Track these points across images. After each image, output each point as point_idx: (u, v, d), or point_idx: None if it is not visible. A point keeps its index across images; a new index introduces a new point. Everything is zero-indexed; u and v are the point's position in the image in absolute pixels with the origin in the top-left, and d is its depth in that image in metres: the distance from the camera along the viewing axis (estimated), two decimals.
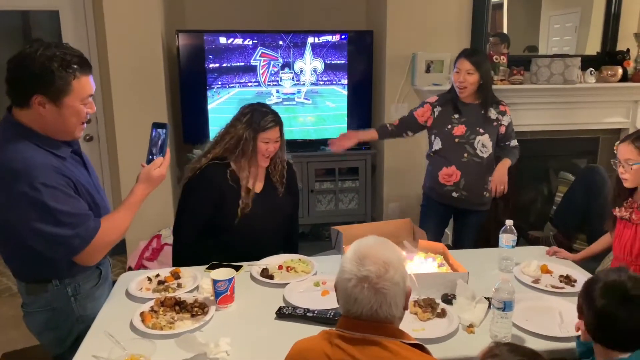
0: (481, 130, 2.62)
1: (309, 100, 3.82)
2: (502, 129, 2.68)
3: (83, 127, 1.58)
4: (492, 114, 2.65)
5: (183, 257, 2.15)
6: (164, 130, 1.69)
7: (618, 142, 1.99)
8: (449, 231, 3.22)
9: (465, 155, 2.62)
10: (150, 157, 1.69)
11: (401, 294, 1.17)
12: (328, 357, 1.14)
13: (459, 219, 2.85)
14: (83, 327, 1.62)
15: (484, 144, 2.63)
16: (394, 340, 1.15)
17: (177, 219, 2.21)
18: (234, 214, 2.11)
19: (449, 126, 2.64)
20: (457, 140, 2.63)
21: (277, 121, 2.13)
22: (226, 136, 2.13)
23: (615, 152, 1.99)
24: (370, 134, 2.84)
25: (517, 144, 2.74)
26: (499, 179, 2.57)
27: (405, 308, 1.20)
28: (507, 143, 2.71)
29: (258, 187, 2.20)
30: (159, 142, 1.68)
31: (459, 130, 2.62)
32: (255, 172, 2.17)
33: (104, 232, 1.54)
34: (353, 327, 1.16)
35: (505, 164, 2.61)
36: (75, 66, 1.47)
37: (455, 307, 1.70)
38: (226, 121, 2.20)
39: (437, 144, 2.68)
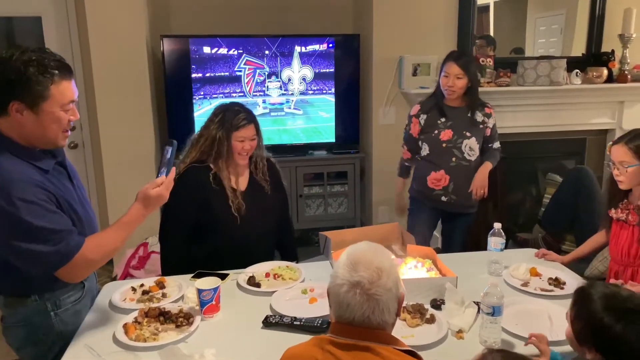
0: (468, 134, 2.61)
1: (299, 111, 3.78)
2: (488, 132, 2.68)
3: (66, 134, 1.52)
4: (478, 116, 2.65)
5: (171, 264, 2.11)
6: (171, 148, 1.62)
7: (611, 143, 1.96)
8: (438, 234, 3.20)
9: (454, 159, 2.61)
10: (159, 175, 1.61)
11: (393, 300, 1.16)
12: None
13: (447, 222, 2.84)
14: (64, 342, 1.56)
15: (471, 148, 2.62)
16: (386, 346, 1.14)
17: (162, 226, 2.17)
18: (222, 216, 2.08)
19: (436, 131, 2.63)
20: (444, 145, 2.61)
21: (250, 119, 2.11)
22: (200, 139, 2.11)
23: (608, 153, 1.97)
24: (401, 184, 2.92)
25: (499, 145, 2.74)
26: (480, 182, 2.59)
27: (398, 314, 1.20)
28: (490, 145, 2.71)
29: (242, 185, 2.17)
30: (165, 160, 1.62)
31: (446, 134, 2.61)
32: (236, 171, 2.15)
33: (87, 250, 1.47)
34: (345, 332, 1.15)
35: (487, 167, 2.63)
36: (53, 71, 1.42)
37: (444, 313, 1.68)
38: None
39: (425, 150, 2.68)
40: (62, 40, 3.52)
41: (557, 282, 1.91)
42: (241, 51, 3.57)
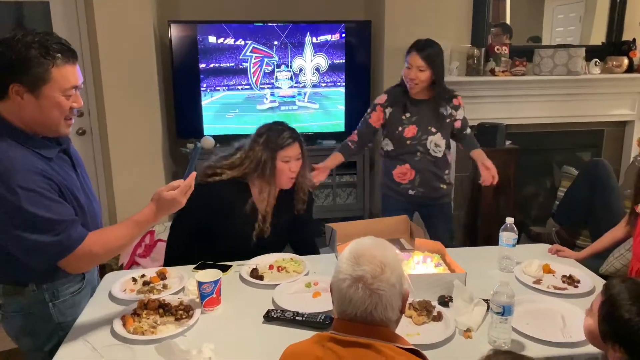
0: (433, 130, 2.49)
1: (315, 104, 3.68)
2: (457, 124, 2.56)
3: (69, 122, 1.48)
4: (445, 110, 2.52)
5: (175, 256, 2.07)
6: (194, 151, 1.57)
7: None
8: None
9: (419, 154, 2.51)
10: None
11: (397, 296, 1.12)
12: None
13: (424, 215, 2.72)
14: (63, 333, 1.54)
15: (436, 144, 2.50)
16: (389, 344, 1.09)
17: (177, 218, 2.11)
18: (240, 234, 2.04)
19: (400, 128, 2.51)
20: (408, 142, 2.50)
21: (295, 137, 2.03)
22: (245, 161, 2.03)
23: (637, 147, 1.89)
24: (336, 159, 2.62)
25: (470, 131, 2.63)
26: (494, 170, 2.43)
27: (402, 311, 1.16)
28: (464, 132, 2.60)
29: (270, 208, 2.08)
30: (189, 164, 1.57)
31: (410, 131, 2.49)
32: (271, 194, 2.05)
33: (91, 243, 1.44)
34: (347, 329, 1.11)
35: (483, 154, 2.51)
36: (56, 54, 1.38)
37: (452, 310, 1.62)
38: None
39: (388, 145, 2.57)
40: (69, 25, 3.48)
41: (571, 280, 1.83)
42: (249, 41, 3.49)
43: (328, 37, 3.59)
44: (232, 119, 3.58)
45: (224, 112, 3.56)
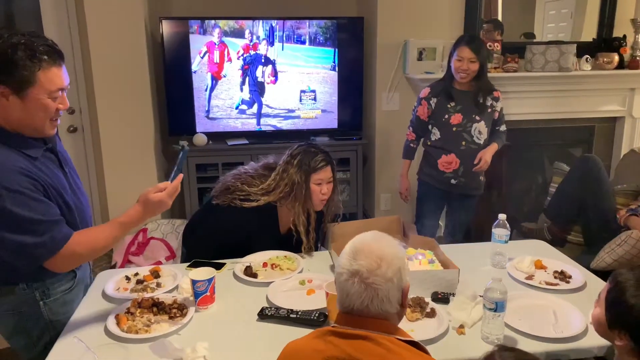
0: (477, 118, 2.66)
1: (315, 102, 3.64)
2: (496, 115, 2.73)
3: (55, 123, 1.48)
4: (487, 100, 2.69)
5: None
6: (181, 153, 1.57)
7: None
8: (440, 221, 3.15)
9: (463, 143, 2.67)
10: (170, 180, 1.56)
11: (395, 290, 1.13)
12: (320, 353, 1.10)
13: (454, 203, 2.88)
14: (55, 332, 1.53)
15: (480, 131, 2.67)
16: (387, 335, 1.11)
17: (198, 237, 2.12)
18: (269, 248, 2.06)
19: (446, 116, 2.68)
20: (454, 129, 2.67)
21: (328, 160, 2.06)
22: (281, 183, 2.03)
23: None
24: (407, 164, 2.91)
25: (505, 128, 2.81)
26: (487, 157, 2.64)
27: (403, 305, 1.17)
28: (497, 128, 2.77)
29: (302, 229, 2.07)
30: (176, 165, 1.56)
31: (456, 119, 2.66)
32: (302, 215, 2.05)
33: (75, 243, 1.44)
34: (346, 322, 1.13)
35: (494, 147, 2.70)
36: (42, 56, 1.37)
37: (453, 305, 1.62)
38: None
39: (436, 134, 2.72)
40: (60, 21, 3.43)
41: (562, 276, 1.85)
42: (240, 38, 3.47)
43: (321, 33, 3.58)
44: (224, 119, 3.57)
45: (216, 111, 3.55)
